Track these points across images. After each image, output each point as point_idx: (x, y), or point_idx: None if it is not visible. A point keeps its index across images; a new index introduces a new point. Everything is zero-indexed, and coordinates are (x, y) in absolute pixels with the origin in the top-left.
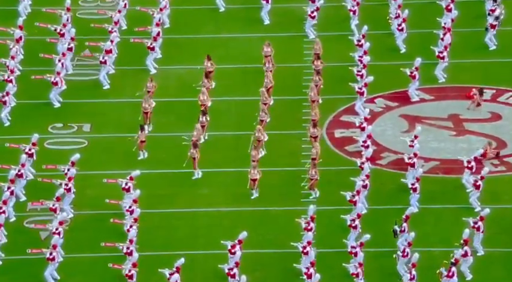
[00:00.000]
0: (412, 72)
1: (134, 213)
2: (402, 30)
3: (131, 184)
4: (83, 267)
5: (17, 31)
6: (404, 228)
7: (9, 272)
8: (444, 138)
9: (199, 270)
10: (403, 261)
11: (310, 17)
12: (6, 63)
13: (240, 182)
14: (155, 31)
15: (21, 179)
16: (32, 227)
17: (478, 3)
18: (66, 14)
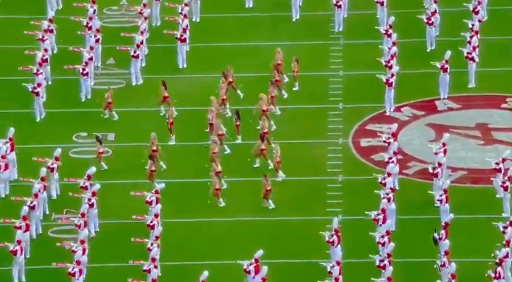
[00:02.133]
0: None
1: (156, 230)
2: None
3: (154, 198)
4: (105, 277)
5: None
6: (442, 236)
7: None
8: (471, 148)
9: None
10: (445, 272)
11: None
12: (37, 56)
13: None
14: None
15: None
16: (61, 245)
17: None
18: (92, 7)
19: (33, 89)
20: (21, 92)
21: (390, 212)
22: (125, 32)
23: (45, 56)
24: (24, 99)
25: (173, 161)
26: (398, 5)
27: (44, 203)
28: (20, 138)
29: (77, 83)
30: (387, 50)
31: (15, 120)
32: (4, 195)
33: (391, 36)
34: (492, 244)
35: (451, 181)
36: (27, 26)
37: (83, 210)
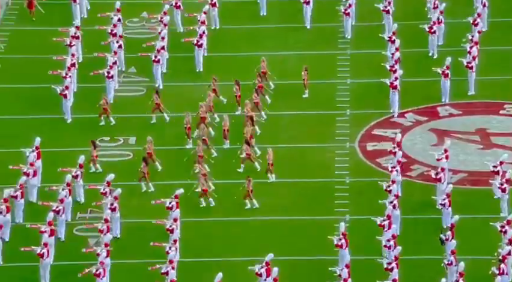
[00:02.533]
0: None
1: (175, 234)
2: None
3: (174, 203)
4: (126, 274)
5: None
6: (449, 237)
7: (60, 279)
8: (471, 152)
9: (238, 276)
10: (452, 270)
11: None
12: (67, 61)
13: (274, 192)
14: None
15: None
16: (86, 251)
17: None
18: (116, 15)
19: (61, 92)
20: (48, 98)
21: (395, 217)
22: (148, 42)
23: (73, 60)
24: (50, 106)
25: (192, 163)
26: (403, 16)
27: (69, 207)
28: (47, 143)
29: (100, 91)
30: (390, 55)
31: (42, 125)
32: (35, 201)
33: (394, 42)
34: (491, 243)
35: (452, 182)
36: (54, 36)
37: (106, 216)
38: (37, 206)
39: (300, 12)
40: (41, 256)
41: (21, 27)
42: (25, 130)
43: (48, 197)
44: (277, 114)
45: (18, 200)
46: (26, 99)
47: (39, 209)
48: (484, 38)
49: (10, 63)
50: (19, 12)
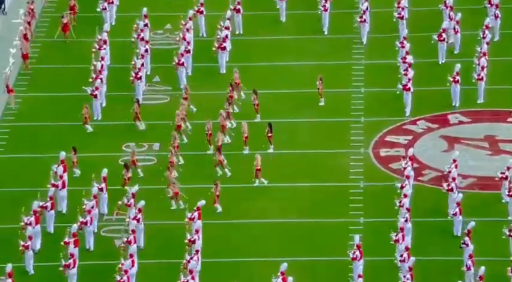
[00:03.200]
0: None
1: (196, 245)
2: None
3: (196, 214)
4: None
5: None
6: (467, 242)
7: (85, 277)
8: (480, 158)
9: (261, 276)
10: (469, 274)
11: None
12: (96, 65)
13: (291, 195)
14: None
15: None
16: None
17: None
18: (144, 21)
19: (92, 92)
20: (77, 107)
21: (407, 230)
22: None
23: (102, 63)
24: (77, 113)
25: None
26: (416, 28)
27: (95, 218)
28: (65, 146)
29: (124, 99)
30: (401, 60)
31: (71, 131)
32: (64, 212)
33: (405, 46)
34: (500, 245)
35: (462, 187)
36: (84, 46)
37: (132, 227)
38: (66, 217)
39: (316, 23)
40: (67, 267)
41: (52, 38)
42: (58, 136)
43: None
44: (295, 121)
45: (48, 211)
46: (58, 107)
47: (68, 220)
48: (495, 48)
49: (42, 72)
50: (50, 24)
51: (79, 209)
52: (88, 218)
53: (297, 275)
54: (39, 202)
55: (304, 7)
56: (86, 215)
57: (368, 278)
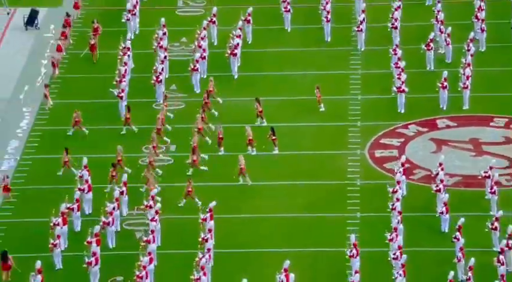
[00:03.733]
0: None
1: (208, 243)
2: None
3: (208, 215)
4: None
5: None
6: (458, 237)
7: (104, 265)
8: (465, 158)
9: (268, 266)
10: (460, 265)
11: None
12: (120, 70)
13: (294, 193)
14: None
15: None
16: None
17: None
18: (162, 30)
19: (118, 94)
20: (102, 112)
21: (400, 230)
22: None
23: (125, 67)
24: (101, 118)
25: (222, 168)
26: (408, 41)
27: (117, 219)
28: (98, 149)
29: (144, 106)
30: (393, 65)
31: (96, 134)
32: (89, 213)
33: (397, 53)
34: (484, 237)
35: (448, 185)
36: (108, 57)
37: (151, 228)
38: (91, 219)
39: (318, 36)
40: (89, 264)
41: (78, 50)
42: (84, 139)
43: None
44: (298, 125)
45: (75, 213)
46: (84, 113)
47: (93, 222)
48: (479, 59)
49: (70, 81)
50: (77, 37)
51: (102, 210)
52: (109, 219)
53: (299, 264)
54: (67, 204)
55: (307, 22)
56: (108, 216)
57: (365, 267)
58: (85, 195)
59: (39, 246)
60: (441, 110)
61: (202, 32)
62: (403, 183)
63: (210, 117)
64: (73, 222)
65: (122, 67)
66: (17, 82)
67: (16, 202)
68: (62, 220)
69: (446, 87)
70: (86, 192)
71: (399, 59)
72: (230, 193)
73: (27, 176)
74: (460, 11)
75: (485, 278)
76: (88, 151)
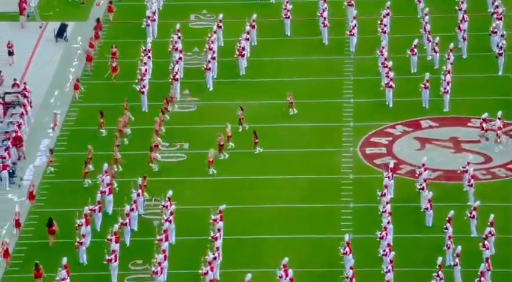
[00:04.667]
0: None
1: (218, 242)
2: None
3: (218, 216)
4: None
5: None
6: (448, 227)
7: (126, 251)
8: (446, 155)
9: (267, 252)
10: (449, 252)
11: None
12: (141, 69)
13: (294, 185)
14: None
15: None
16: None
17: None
18: (177, 34)
19: (140, 89)
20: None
21: (390, 230)
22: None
23: (145, 67)
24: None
25: (231, 166)
26: (396, 49)
27: (134, 220)
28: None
29: (157, 109)
30: (380, 65)
31: (106, 137)
32: (110, 213)
33: (384, 54)
34: (462, 225)
35: (431, 178)
36: (128, 66)
37: (164, 227)
38: (111, 219)
39: (316, 46)
40: (109, 261)
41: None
42: (106, 139)
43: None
44: (296, 125)
45: (97, 214)
46: (107, 115)
47: (112, 221)
48: (461, 65)
49: (95, 86)
50: (101, 47)
51: (120, 211)
52: (127, 219)
53: (298, 249)
54: (89, 206)
55: (306, 33)
56: (125, 217)
57: (358, 250)
58: (106, 197)
59: (65, 233)
60: (424, 108)
61: (212, 36)
62: (390, 188)
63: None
64: (95, 222)
65: (143, 66)
66: (48, 88)
67: (47, 194)
68: (86, 221)
69: (428, 87)
70: (107, 195)
71: (386, 59)
72: (236, 186)
73: (57, 170)
74: (444, 24)
75: (468, 261)
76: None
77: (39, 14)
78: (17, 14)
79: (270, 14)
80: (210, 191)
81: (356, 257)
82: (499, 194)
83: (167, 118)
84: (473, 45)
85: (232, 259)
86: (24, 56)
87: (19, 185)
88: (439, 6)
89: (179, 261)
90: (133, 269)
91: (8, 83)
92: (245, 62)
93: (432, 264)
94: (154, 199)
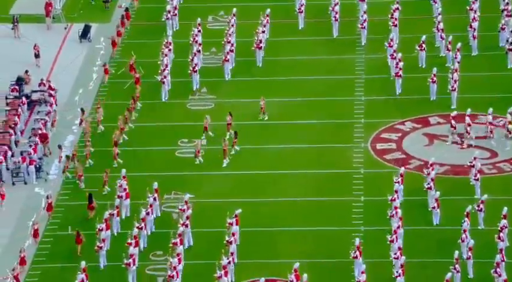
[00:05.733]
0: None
1: (231, 247)
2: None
3: (234, 220)
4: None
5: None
6: (466, 221)
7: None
8: (453, 150)
9: (281, 245)
10: (463, 245)
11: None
12: (162, 61)
13: (307, 179)
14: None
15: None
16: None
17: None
18: (197, 28)
19: (161, 79)
20: (146, 111)
21: (400, 234)
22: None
23: (167, 60)
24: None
25: (238, 162)
26: (405, 49)
27: (150, 224)
28: (135, 142)
29: (178, 106)
30: (389, 56)
31: (140, 130)
32: (124, 217)
33: (392, 46)
34: (473, 217)
35: (439, 173)
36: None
37: (179, 231)
38: (129, 222)
39: (328, 46)
40: (128, 265)
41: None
42: (129, 134)
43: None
44: (310, 122)
45: (115, 217)
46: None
47: (130, 225)
48: (470, 63)
49: (117, 85)
50: (122, 50)
51: (136, 216)
52: (142, 224)
53: (310, 240)
54: (109, 211)
55: (318, 34)
56: (141, 222)
57: (368, 242)
58: (123, 202)
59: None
60: (432, 102)
61: (230, 29)
62: (400, 192)
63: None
64: (113, 226)
65: (164, 58)
66: (72, 86)
67: (72, 187)
68: (106, 226)
69: (435, 81)
70: (124, 199)
71: (395, 51)
72: (252, 180)
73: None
74: (455, 24)
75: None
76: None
77: (65, 16)
78: (43, 16)
79: (284, 15)
80: (227, 185)
81: (366, 249)
82: (505, 187)
83: (134, 116)
84: (483, 44)
85: (248, 249)
86: (50, 56)
87: (45, 179)
88: (450, 7)
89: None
90: (154, 260)
91: (34, 82)
92: (262, 53)
93: (437, 255)
94: (174, 193)
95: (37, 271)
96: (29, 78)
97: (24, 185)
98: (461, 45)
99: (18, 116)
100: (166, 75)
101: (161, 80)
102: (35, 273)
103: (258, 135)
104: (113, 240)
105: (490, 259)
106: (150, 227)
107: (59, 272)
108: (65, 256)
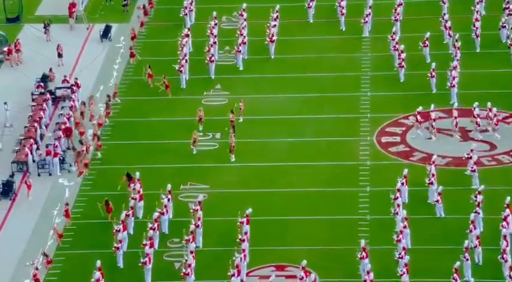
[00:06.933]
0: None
1: (243, 244)
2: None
3: (245, 219)
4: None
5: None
6: (479, 211)
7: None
8: (455, 143)
9: (291, 232)
10: (472, 235)
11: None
12: (183, 51)
13: (316, 171)
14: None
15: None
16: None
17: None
18: (214, 21)
19: (179, 68)
20: (160, 107)
21: (406, 234)
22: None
23: (185, 51)
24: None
25: (242, 156)
26: (413, 47)
27: (164, 223)
28: (154, 136)
29: (193, 102)
30: (392, 48)
31: (157, 125)
32: (141, 218)
33: (394, 39)
34: (468, 206)
35: (441, 165)
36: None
37: (191, 229)
38: (144, 223)
39: (337, 45)
40: (144, 264)
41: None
42: (147, 128)
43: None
44: (318, 117)
45: (130, 218)
46: (147, 107)
47: (144, 225)
48: (471, 60)
49: (135, 83)
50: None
51: (149, 217)
52: (155, 225)
53: (320, 229)
54: (125, 212)
55: (327, 33)
56: (154, 222)
57: (374, 230)
58: (137, 203)
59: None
60: (433, 95)
61: (243, 23)
62: (404, 192)
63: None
64: (128, 226)
65: (183, 48)
66: (94, 83)
67: (94, 178)
68: (123, 227)
69: (434, 76)
70: (138, 201)
71: (397, 43)
72: (264, 172)
73: (103, 156)
74: (460, 24)
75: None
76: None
77: (87, 16)
78: (66, 17)
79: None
80: (240, 176)
81: (372, 236)
82: (503, 179)
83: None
84: (486, 42)
85: (260, 237)
86: (73, 55)
87: (68, 170)
88: (455, 7)
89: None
90: (171, 247)
91: (58, 79)
92: (275, 46)
93: (436, 242)
94: (189, 184)
95: (61, 257)
96: (53, 75)
97: (49, 176)
98: (460, 43)
99: (43, 111)
100: (184, 64)
101: (179, 69)
102: (59, 259)
103: (270, 129)
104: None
105: (496, 246)
106: (164, 227)
107: (82, 259)
108: (87, 244)
